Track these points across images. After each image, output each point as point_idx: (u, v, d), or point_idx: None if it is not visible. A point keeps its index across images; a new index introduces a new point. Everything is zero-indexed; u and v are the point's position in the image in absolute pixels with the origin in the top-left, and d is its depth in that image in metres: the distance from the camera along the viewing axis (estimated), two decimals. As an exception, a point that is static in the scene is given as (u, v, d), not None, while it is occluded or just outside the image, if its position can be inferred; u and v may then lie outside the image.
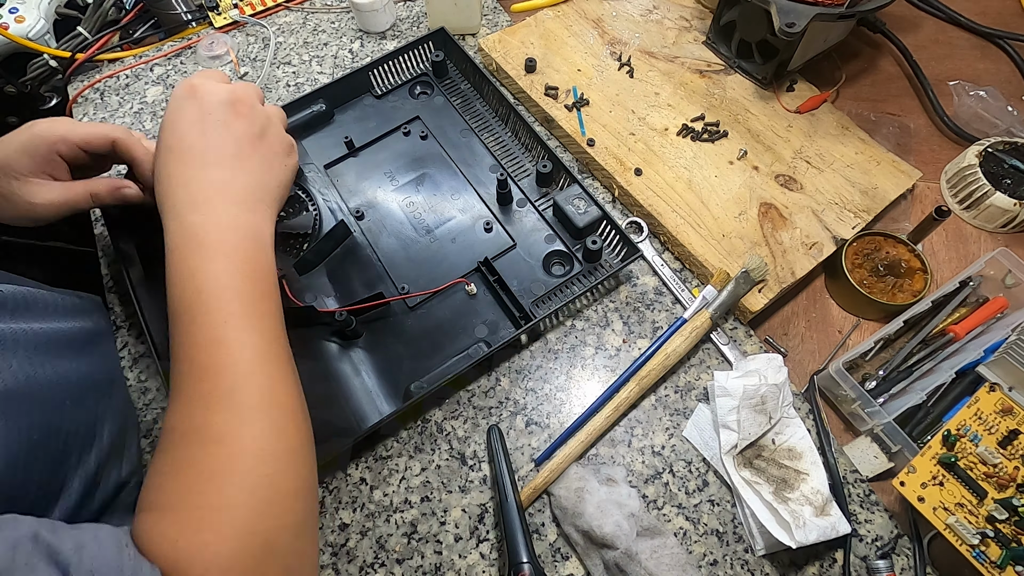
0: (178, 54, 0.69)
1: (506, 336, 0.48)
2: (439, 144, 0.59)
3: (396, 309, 0.50)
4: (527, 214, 0.55)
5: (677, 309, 0.52)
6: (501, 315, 0.50)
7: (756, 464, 0.45)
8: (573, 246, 0.53)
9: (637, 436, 0.47)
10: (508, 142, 0.59)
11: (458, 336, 0.49)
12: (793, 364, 0.50)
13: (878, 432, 0.45)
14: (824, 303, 0.53)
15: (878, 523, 0.44)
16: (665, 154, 0.58)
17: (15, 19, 0.65)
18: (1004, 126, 0.60)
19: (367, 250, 0.53)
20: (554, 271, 0.52)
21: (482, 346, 0.48)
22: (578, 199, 0.52)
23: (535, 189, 0.56)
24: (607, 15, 0.68)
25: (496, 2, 0.72)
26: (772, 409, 0.45)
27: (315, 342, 0.49)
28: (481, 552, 0.43)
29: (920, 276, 0.51)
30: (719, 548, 0.43)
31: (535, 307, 0.49)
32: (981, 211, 0.55)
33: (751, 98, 0.61)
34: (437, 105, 0.61)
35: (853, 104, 0.64)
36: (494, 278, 0.50)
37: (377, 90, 0.62)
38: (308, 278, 0.51)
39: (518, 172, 0.57)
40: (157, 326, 0.48)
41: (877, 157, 0.57)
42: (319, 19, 0.72)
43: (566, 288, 0.51)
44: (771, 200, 0.55)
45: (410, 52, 0.62)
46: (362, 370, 0.48)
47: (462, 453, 0.46)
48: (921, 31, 0.69)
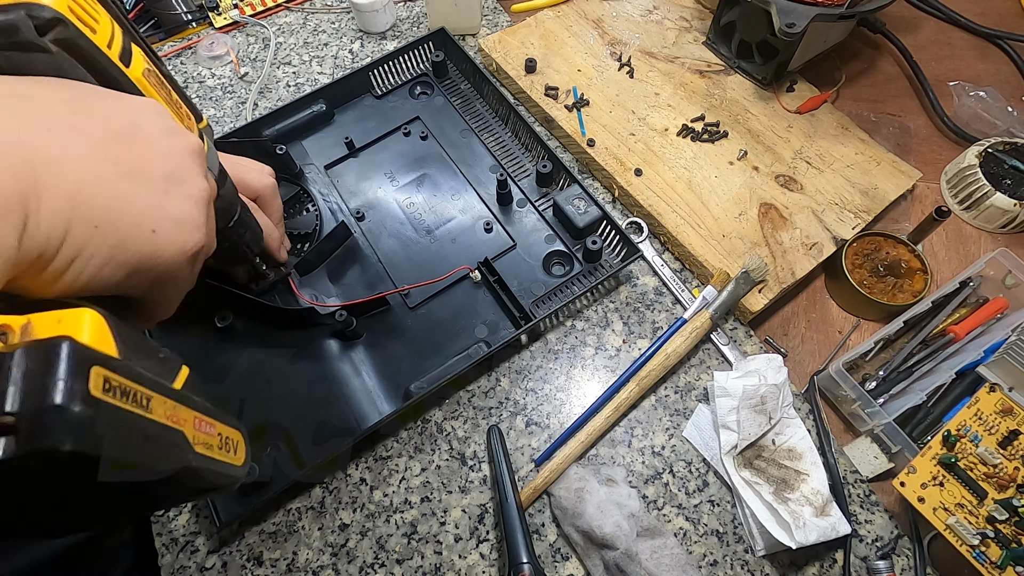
0: (178, 54, 0.69)
1: (506, 336, 0.48)
2: (439, 144, 0.59)
3: (396, 309, 0.50)
4: (527, 214, 0.55)
5: (677, 309, 0.52)
6: (501, 315, 0.50)
7: (756, 464, 0.45)
8: (573, 246, 0.53)
9: (637, 436, 0.47)
10: (508, 142, 0.59)
11: (458, 336, 0.49)
12: (793, 364, 0.50)
13: (878, 432, 0.45)
14: (824, 303, 0.53)
15: (878, 523, 0.44)
16: (665, 154, 0.58)
17: (15, 19, 0.65)
18: (1004, 126, 0.60)
19: (368, 251, 0.53)
20: (554, 271, 0.52)
21: (482, 346, 0.48)
22: (578, 199, 0.52)
23: (535, 189, 0.56)
24: (607, 15, 0.68)
25: (496, 2, 0.72)
26: (772, 409, 0.45)
27: (315, 342, 0.49)
28: (481, 552, 0.43)
29: (920, 276, 0.51)
30: (719, 548, 0.43)
31: (535, 307, 0.49)
32: (981, 211, 0.55)
33: (751, 98, 0.61)
34: (437, 105, 0.61)
35: (853, 104, 0.64)
36: (494, 278, 0.50)
37: (377, 90, 0.62)
38: (309, 279, 0.51)
39: (518, 172, 0.57)
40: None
41: (877, 157, 0.57)
42: (319, 19, 0.72)
43: (566, 288, 0.51)
44: (771, 200, 0.55)
45: (410, 52, 0.62)
46: (362, 370, 0.48)
47: (462, 453, 0.46)
48: (921, 31, 0.69)
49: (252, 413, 0.46)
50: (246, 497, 0.43)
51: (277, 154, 0.54)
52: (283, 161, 0.54)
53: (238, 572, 0.43)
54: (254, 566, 0.43)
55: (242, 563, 0.43)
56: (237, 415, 0.45)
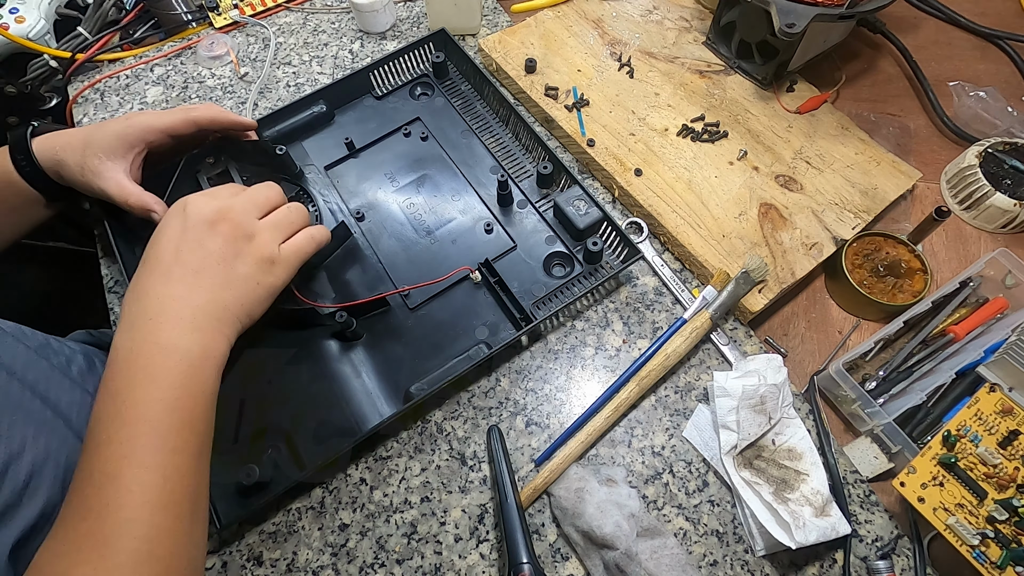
0: (178, 54, 0.69)
1: (507, 337, 0.48)
2: (440, 145, 0.59)
3: (397, 310, 0.50)
4: (528, 215, 0.55)
5: (677, 309, 0.52)
6: (502, 316, 0.50)
7: (756, 465, 0.45)
8: (574, 247, 0.53)
9: (637, 436, 0.47)
10: (508, 143, 0.59)
11: (459, 337, 0.49)
12: (793, 364, 0.50)
13: (878, 433, 0.45)
14: (824, 303, 0.53)
15: (878, 523, 0.44)
16: (665, 154, 0.58)
17: (15, 19, 0.65)
18: (1004, 127, 0.60)
19: (368, 251, 0.53)
20: (555, 272, 0.52)
21: (483, 347, 0.48)
22: (579, 200, 0.52)
23: (535, 190, 0.56)
24: (607, 15, 0.68)
25: (496, 2, 0.72)
26: (772, 409, 0.45)
27: (316, 343, 0.49)
28: (481, 552, 0.43)
29: (920, 276, 0.51)
30: (719, 548, 0.43)
31: (536, 308, 0.49)
32: (981, 211, 0.55)
33: (751, 98, 0.61)
34: (438, 106, 0.61)
35: (853, 104, 0.64)
36: (495, 279, 0.50)
37: (378, 91, 0.62)
38: (309, 279, 0.51)
39: (519, 173, 0.57)
40: None
41: (877, 157, 0.57)
42: (319, 19, 0.72)
43: (567, 290, 0.51)
44: (771, 200, 0.55)
45: (410, 53, 0.62)
46: (362, 371, 0.48)
47: (462, 453, 0.46)
48: (921, 31, 0.69)
49: (252, 413, 0.46)
50: (246, 499, 0.43)
51: (277, 155, 0.54)
52: (283, 162, 0.54)
53: (238, 572, 0.43)
54: (254, 566, 0.43)
55: (242, 563, 0.43)
56: (237, 415, 0.45)
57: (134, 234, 0.53)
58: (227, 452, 0.44)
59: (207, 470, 0.37)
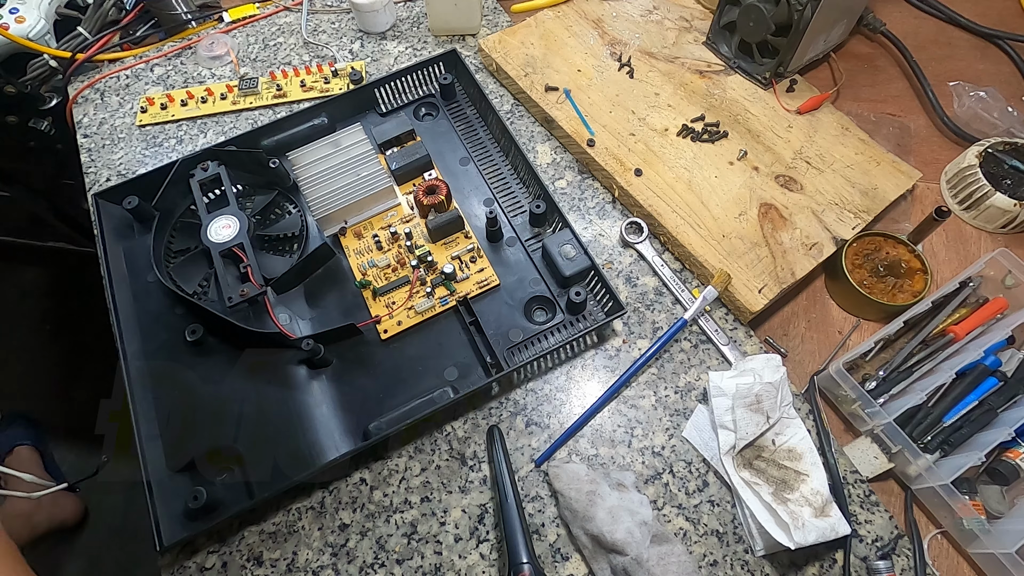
0: (178, 54, 0.69)
1: (476, 382, 0.46)
2: (437, 170, 0.57)
3: (368, 340, 0.49)
4: (515, 253, 0.53)
5: (677, 309, 0.52)
6: (473, 359, 0.48)
7: (756, 465, 0.45)
8: (558, 294, 0.51)
9: (637, 436, 0.47)
10: (506, 175, 0.57)
11: (427, 375, 0.48)
12: (793, 364, 0.50)
13: (878, 433, 0.45)
14: (824, 303, 0.53)
15: (878, 524, 0.44)
16: (665, 154, 0.58)
17: (15, 19, 0.65)
18: (1004, 127, 0.60)
19: (348, 275, 0.52)
20: (535, 317, 0.50)
21: (448, 391, 0.47)
22: (567, 245, 0.50)
23: (527, 228, 0.54)
24: (607, 15, 0.68)
25: (496, 2, 0.72)
26: (769, 408, 0.45)
27: (284, 366, 0.48)
28: (481, 552, 0.43)
29: (920, 277, 0.51)
30: (719, 549, 0.43)
31: (509, 355, 0.48)
32: (981, 212, 0.55)
33: (751, 98, 0.61)
34: (440, 129, 0.60)
35: (853, 104, 0.64)
36: (471, 320, 0.49)
37: (382, 108, 0.61)
38: (286, 298, 0.51)
39: (512, 208, 0.55)
40: (130, 327, 0.49)
41: (877, 158, 0.57)
42: (319, 19, 0.72)
43: (545, 338, 0.49)
44: (771, 200, 0.55)
45: (418, 72, 0.61)
46: (324, 402, 0.47)
47: (462, 453, 0.46)
48: (921, 31, 0.69)
49: (212, 431, 0.46)
50: (191, 521, 0.42)
51: (270, 167, 0.53)
52: (276, 174, 0.54)
53: (238, 572, 0.43)
54: (254, 566, 0.43)
55: (242, 563, 0.43)
56: (196, 432, 0.45)
57: (131, 232, 0.53)
58: (182, 470, 0.44)
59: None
